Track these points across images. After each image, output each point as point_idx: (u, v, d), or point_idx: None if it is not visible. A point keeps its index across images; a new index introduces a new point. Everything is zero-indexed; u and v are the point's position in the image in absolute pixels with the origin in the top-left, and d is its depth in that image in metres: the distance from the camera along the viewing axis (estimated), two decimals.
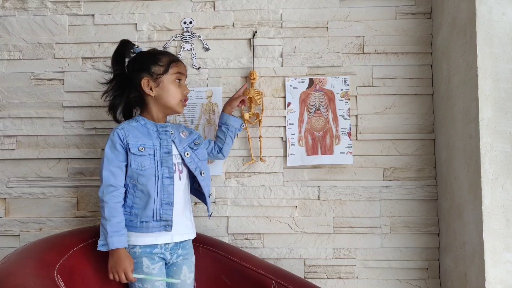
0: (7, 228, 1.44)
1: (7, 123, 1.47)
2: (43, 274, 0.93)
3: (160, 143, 1.16)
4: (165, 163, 1.15)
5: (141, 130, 1.16)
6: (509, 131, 1.12)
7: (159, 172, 1.14)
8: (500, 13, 1.14)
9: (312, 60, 1.46)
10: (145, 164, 1.13)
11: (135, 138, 1.14)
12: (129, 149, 1.13)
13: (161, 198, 1.13)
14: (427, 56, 1.45)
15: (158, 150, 1.15)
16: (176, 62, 1.20)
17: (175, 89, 1.18)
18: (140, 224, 1.12)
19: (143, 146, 1.14)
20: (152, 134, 1.17)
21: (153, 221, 1.12)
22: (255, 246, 1.42)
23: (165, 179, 1.14)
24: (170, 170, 1.15)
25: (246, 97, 1.37)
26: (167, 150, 1.16)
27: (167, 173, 1.14)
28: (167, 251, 1.15)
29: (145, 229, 1.12)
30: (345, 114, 1.43)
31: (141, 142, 1.14)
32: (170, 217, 1.13)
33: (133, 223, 1.12)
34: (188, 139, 1.24)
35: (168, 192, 1.14)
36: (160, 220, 1.12)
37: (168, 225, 1.13)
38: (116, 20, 1.48)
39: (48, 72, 1.48)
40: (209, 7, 1.49)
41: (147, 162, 1.13)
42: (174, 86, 1.18)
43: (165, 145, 1.17)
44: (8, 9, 1.49)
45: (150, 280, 1.10)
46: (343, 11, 1.47)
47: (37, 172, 1.46)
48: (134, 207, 1.13)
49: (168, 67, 1.18)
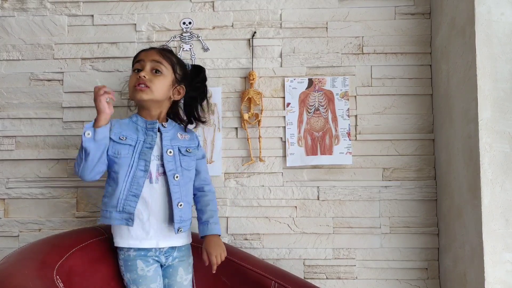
0: (6, 228, 1.44)
1: (6, 123, 1.47)
2: (42, 275, 0.93)
3: (144, 138, 1.15)
4: (143, 156, 1.12)
5: (130, 126, 1.17)
6: (508, 131, 1.12)
7: (134, 162, 1.12)
8: (499, 13, 1.14)
9: (311, 60, 1.46)
10: (122, 153, 1.12)
11: (120, 129, 1.14)
12: (110, 136, 1.11)
13: (129, 189, 1.10)
14: (426, 56, 1.45)
15: (140, 144, 1.14)
16: (138, 55, 1.21)
17: (130, 80, 1.19)
18: (104, 214, 1.11)
19: (125, 137, 1.13)
20: (140, 130, 1.17)
21: (116, 212, 1.09)
22: (254, 247, 1.42)
23: (138, 171, 1.11)
24: (146, 164, 1.12)
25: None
26: (149, 145, 1.14)
27: (142, 166, 1.12)
28: (161, 254, 1.14)
29: (108, 220, 1.10)
30: (344, 114, 1.43)
31: (125, 133, 1.14)
32: (132, 210, 1.09)
33: (102, 212, 1.11)
34: (184, 142, 1.21)
35: (138, 184, 1.10)
36: (122, 212, 1.09)
37: (130, 219, 1.08)
38: (115, 20, 1.48)
39: (47, 72, 1.48)
40: (208, 7, 1.49)
41: (125, 151, 1.12)
42: (132, 76, 1.19)
43: (149, 141, 1.15)
44: (7, 9, 1.49)
45: (145, 282, 1.09)
46: (342, 11, 1.47)
47: (36, 173, 1.45)
48: (106, 196, 1.13)
49: (133, 63, 1.21)
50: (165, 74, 1.18)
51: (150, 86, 1.15)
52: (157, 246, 1.12)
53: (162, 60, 1.18)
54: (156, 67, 1.17)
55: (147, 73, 1.16)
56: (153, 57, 1.18)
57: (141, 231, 1.11)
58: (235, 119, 1.45)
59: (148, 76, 1.16)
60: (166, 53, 1.21)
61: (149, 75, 1.16)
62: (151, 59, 1.17)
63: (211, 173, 1.40)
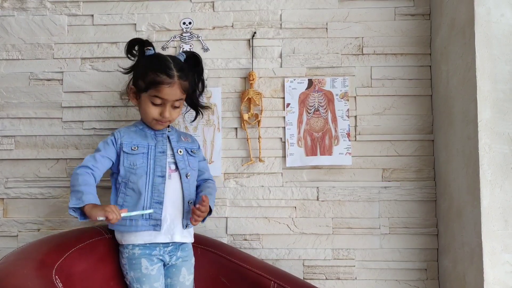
0: (5, 228, 1.44)
1: (5, 123, 1.46)
2: (41, 275, 0.93)
3: (155, 143, 1.18)
4: (158, 162, 1.16)
5: (138, 133, 1.19)
6: (508, 132, 1.12)
7: (151, 170, 1.14)
8: (499, 14, 1.15)
9: (311, 61, 1.46)
10: (137, 163, 1.14)
11: (130, 138, 1.17)
12: (122, 149, 1.14)
13: (151, 197, 1.13)
14: (426, 57, 1.45)
15: (152, 150, 1.16)
16: (158, 86, 1.12)
17: (148, 108, 1.15)
18: (129, 223, 1.11)
19: (137, 146, 1.15)
20: (148, 136, 1.19)
21: (142, 220, 1.12)
22: (254, 247, 1.42)
23: (156, 177, 1.14)
24: (162, 169, 1.15)
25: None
26: (161, 150, 1.17)
27: (159, 172, 1.15)
28: (166, 253, 1.15)
29: (134, 228, 1.11)
30: (344, 115, 1.43)
31: (135, 142, 1.16)
32: (159, 216, 1.12)
33: (123, 221, 1.10)
34: (187, 144, 1.25)
35: (159, 191, 1.14)
36: (149, 219, 1.12)
37: (158, 225, 1.12)
38: (115, 20, 1.48)
39: (46, 72, 1.47)
40: (208, 7, 1.48)
41: (140, 160, 1.14)
42: (149, 105, 1.15)
43: (160, 145, 1.18)
44: (6, 9, 1.49)
45: (148, 280, 1.09)
46: (342, 12, 1.47)
47: (36, 173, 1.45)
48: (124, 206, 1.13)
49: (149, 88, 1.13)
50: (181, 105, 1.21)
51: (171, 121, 1.19)
52: (171, 241, 1.14)
53: (183, 95, 1.18)
54: (176, 104, 1.18)
55: (169, 113, 1.16)
56: (176, 97, 1.15)
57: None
58: (234, 119, 1.45)
59: (170, 114, 1.16)
60: (184, 82, 1.16)
61: (171, 113, 1.16)
62: (173, 100, 1.15)
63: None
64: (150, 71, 1.13)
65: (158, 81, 1.12)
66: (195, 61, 1.26)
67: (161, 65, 1.14)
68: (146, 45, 1.21)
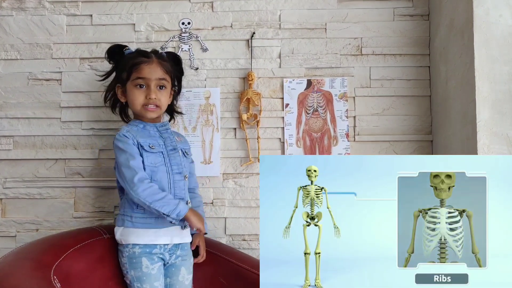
0: (3, 228, 1.43)
1: (4, 123, 1.46)
2: (39, 275, 0.93)
3: (164, 141, 1.18)
4: (174, 159, 1.17)
5: (143, 133, 1.18)
6: (506, 132, 1.13)
7: (169, 168, 1.16)
8: (497, 15, 1.15)
9: (310, 61, 1.46)
10: (157, 161, 1.15)
11: (142, 137, 1.16)
12: (141, 147, 1.13)
13: (175, 194, 1.14)
14: (424, 57, 1.45)
15: (164, 148, 1.17)
16: (137, 66, 1.15)
17: (134, 95, 1.17)
18: (155, 221, 1.12)
19: (152, 145, 1.15)
20: (153, 134, 1.19)
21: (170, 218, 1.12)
22: (252, 247, 1.42)
23: (175, 174, 1.16)
24: (178, 167, 1.17)
25: None
26: (172, 147, 1.18)
27: (176, 169, 1.16)
28: (166, 251, 1.15)
29: (161, 224, 1.12)
30: (343, 115, 1.43)
31: (148, 141, 1.16)
32: (185, 213, 1.12)
33: (148, 219, 1.12)
34: (181, 144, 1.24)
35: (180, 188, 1.16)
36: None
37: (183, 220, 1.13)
38: (114, 20, 1.48)
39: (45, 72, 1.47)
40: (207, 7, 1.48)
41: (159, 159, 1.15)
42: (134, 91, 1.17)
43: (169, 143, 1.19)
44: (5, 8, 1.49)
45: (149, 279, 1.10)
46: (341, 12, 1.47)
47: (34, 173, 1.45)
48: None
49: (130, 73, 1.16)
50: (167, 87, 1.21)
51: (159, 105, 1.18)
52: (171, 242, 1.15)
53: (165, 75, 1.20)
54: (161, 84, 1.19)
55: (155, 93, 1.17)
56: (158, 75, 1.17)
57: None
58: (233, 119, 1.45)
59: (157, 96, 1.17)
60: (164, 62, 1.21)
61: (157, 93, 1.17)
62: (156, 78, 1.17)
63: (209, 174, 1.42)
64: (130, 60, 1.18)
65: (137, 62, 1.17)
66: (175, 60, 1.29)
67: (139, 52, 1.21)
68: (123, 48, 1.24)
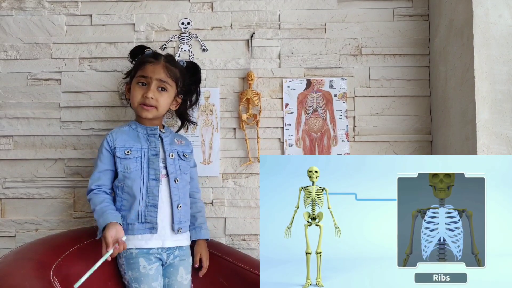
0: (2, 229, 1.43)
1: (3, 123, 1.46)
2: (39, 275, 0.93)
3: (148, 145, 1.18)
4: (152, 165, 1.16)
5: (131, 134, 1.19)
6: (506, 132, 1.13)
7: (145, 174, 1.15)
8: (497, 15, 1.15)
9: (309, 61, 1.46)
10: (131, 167, 1.15)
11: (123, 141, 1.17)
12: (115, 153, 1.15)
13: (146, 200, 1.14)
14: (424, 58, 1.45)
15: (145, 153, 1.17)
16: (143, 65, 1.20)
17: (134, 92, 1.20)
18: (126, 226, 1.12)
19: (130, 149, 1.16)
20: (141, 137, 1.19)
21: (138, 223, 1.12)
22: (252, 247, 1.42)
23: (151, 181, 1.15)
24: (156, 172, 1.16)
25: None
26: (154, 152, 1.18)
27: (153, 175, 1.15)
28: (163, 251, 1.15)
29: (131, 231, 1.12)
30: (342, 115, 1.43)
31: (128, 145, 1.17)
32: (155, 219, 1.13)
33: (136, 225, 1.13)
34: (180, 147, 1.24)
35: (153, 194, 1.14)
36: (145, 222, 1.13)
37: (154, 227, 1.13)
38: (114, 20, 1.48)
39: (45, 72, 1.47)
40: (207, 8, 1.48)
41: (133, 164, 1.15)
42: (136, 88, 1.20)
43: (153, 148, 1.18)
44: (5, 8, 1.49)
45: (146, 280, 1.10)
46: (341, 12, 1.47)
47: (34, 173, 1.45)
48: (122, 209, 1.14)
49: (136, 71, 1.21)
50: (169, 91, 1.22)
51: (156, 106, 1.19)
52: (162, 246, 1.14)
53: (168, 79, 1.20)
54: (162, 85, 1.20)
55: (154, 93, 1.18)
56: (160, 76, 1.19)
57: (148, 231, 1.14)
58: (233, 119, 1.45)
59: (155, 96, 1.18)
60: (171, 67, 1.22)
61: (155, 94, 1.18)
62: (157, 78, 1.18)
63: (209, 174, 1.42)
64: (140, 59, 1.23)
65: (144, 61, 1.21)
66: (194, 69, 1.32)
67: (154, 53, 1.25)
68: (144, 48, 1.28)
